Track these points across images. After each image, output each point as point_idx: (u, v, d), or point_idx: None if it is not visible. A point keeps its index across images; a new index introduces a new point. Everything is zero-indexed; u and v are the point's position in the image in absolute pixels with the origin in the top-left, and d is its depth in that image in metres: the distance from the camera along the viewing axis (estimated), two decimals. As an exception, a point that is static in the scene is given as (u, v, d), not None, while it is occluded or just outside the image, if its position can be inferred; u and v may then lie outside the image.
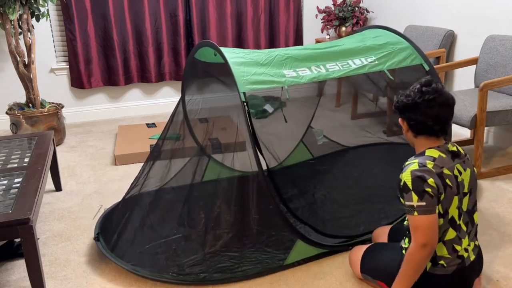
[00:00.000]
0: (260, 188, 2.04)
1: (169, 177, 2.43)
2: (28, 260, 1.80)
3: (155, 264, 2.07)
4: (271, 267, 2.05)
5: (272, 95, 4.71)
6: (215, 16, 4.59)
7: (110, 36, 4.31)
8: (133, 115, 4.64)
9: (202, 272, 2.00)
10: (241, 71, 2.06)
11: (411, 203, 1.61)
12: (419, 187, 1.60)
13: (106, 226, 2.33)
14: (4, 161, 2.36)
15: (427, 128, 1.70)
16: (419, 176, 1.61)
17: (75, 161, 3.47)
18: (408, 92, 1.73)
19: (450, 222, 1.68)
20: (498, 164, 3.16)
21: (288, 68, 2.17)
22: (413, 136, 1.76)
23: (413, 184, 1.61)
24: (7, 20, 3.51)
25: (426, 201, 1.60)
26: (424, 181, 1.60)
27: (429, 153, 1.70)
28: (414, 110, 1.69)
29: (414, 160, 1.69)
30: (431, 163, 1.65)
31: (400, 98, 1.76)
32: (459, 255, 1.71)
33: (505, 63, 3.16)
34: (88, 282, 2.03)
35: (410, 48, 2.35)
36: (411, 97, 1.70)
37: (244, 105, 1.97)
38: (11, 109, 3.71)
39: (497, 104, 2.93)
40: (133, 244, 2.17)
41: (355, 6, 4.69)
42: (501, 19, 3.36)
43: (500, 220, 2.46)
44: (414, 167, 1.64)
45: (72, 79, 4.35)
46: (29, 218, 1.74)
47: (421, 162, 1.65)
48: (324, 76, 2.17)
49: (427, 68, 2.32)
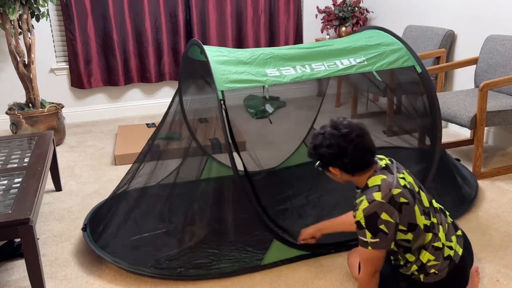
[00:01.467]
0: (237, 189, 2.03)
1: (163, 175, 2.43)
2: (28, 260, 1.80)
3: (134, 257, 2.09)
4: (248, 266, 2.05)
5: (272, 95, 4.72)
6: (215, 16, 4.59)
7: (110, 36, 4.31)
8: (133, 115, 4.64)
9: (178, 267, 2.02)
10: (221, 70, 2.06)
11: (365, 239, 1.61)
12: (373, 225, 1.59)
13: (95, 218, 2.38)
14: (4, 161, 2.35)
15: (363, 164, 1.66)
16: (371, 214, 1.59)
17: (75, 161, 3.47)
18: (327, 142, 1.65)
19: (423, 229, 1.66)
20: (498, 164, 3.16)
21: (271, 67, 2.15)
22: (350, 176, 1.70)
23: (366, 223, 1.60)
24: (7, 20, 3.51)
25: (380, 238, 1.59)
26: (378, 218, 1.58)
27: (372, 183, 1.65)
28: (344, 155, 1.64)
29: (361, 197, 1.64)
30: (378, 194, 1.60)
31: (319, 152, 1.68)
32: (445, 256, 1.69)
33: (505, 63, 3.16)
34: (88, 282, 2.03)
35: (404, 50, 2.30)
36: (334, 145, 1.64)
37: (221, 103, 1.97)
38: (11, 109, 3.71)
39: (497, 104, 2.93)
40: (116, 237, 2.20)
41: (355, 6, 4.69)
42: (501, 19, 3.36)
43: (500, 220, 2.46)
44: (364, 205, 1.60)
45: (72, 79, 4.35)
46: (29, 218, 1.74)
47: (369, 198, 1.60)
48: (308, 76, 2.14)
49: (419, 70, 2.28)
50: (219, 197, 2.16)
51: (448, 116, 2.98)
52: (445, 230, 1.73)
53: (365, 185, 1.68)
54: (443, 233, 1.72)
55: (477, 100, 2.82)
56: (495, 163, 3.19)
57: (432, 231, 1.68)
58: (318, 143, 1.67)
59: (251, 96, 4.53)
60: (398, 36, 2.39)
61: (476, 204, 2.61)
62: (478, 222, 2.44)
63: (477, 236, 2.30)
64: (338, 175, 1.72)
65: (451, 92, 3.31)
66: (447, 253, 1.70)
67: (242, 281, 2.00)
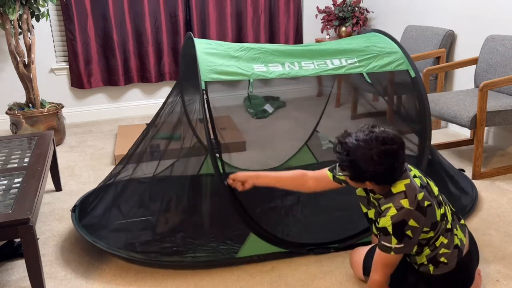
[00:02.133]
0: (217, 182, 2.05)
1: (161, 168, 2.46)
2: (28, 260, 1.80)
3: (113, 239, 2.15)
4: (223, 257, 2.07)
5: (271, 95, 4.72)
6: (215, 16, 4.59)
7: (110, 36, 4.31)
8: (133, 115, 4.64)
9: (153, 252, 2.08)
10: (208, 61, 2.07)
11: (389, 245, 1.60)
12: (400, 232, 1.58)
13: (85, 202, 2.46)
14: (4, 161, 2.36)
15: (392, 177, 1.62)
16: (399, 221, 1.57)
17: (75, 161, 3.47)
18: (377, 160, 1.56)
19: (439, 219, 1.66)
20: (498, 164, 3.16)
21: (259, 62, 2.15)
22: (376, 184, 1.65)
23: (393, 229, 1.58)
24: (7, 20, 3.51)
25: (404, 243, 1.59)
26: (405, 224, 1.57)
27: (396, 190, 1.61)
28: (389, 171, 1.59)
29: (388, 204, 1.61)
30: (405, 201, 1.58)
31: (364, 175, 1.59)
32: (454, 245, 1.69)
33: (505, 63, 3.16)
34: (88, 282, 2.03)
35: (399, 54, 2.27)
36: (384, 164, 1.57)
37: (203, 93, 1.97)
38: (11, 109, 3.71)
39: (497, 104, 2.93)
40: (101, 220, 2.28)
41: (355, 6, 4.69)
42: (501, 19, 3.36)
43: (500, 220, 2.46)
44: (393, 212, 1.58)
45: (72, 79, 4.35)
46: (29, 218, 1.74)
47: (397, 205, 1.58)
48: (295, 73, 2.13)
49: (413, 75, 2.25)
50: (205, 190, 2.19)
51: (448, 116, 2.98)
52: (450, 217, 1.73)
53: (388, 191, 1.64)
54: (450, 221, 1.72)
55: (477, 100, 2.82)
56: (495, 163, 3.19)
57: (445, 219, 1.68)
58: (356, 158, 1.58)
59: (251, 96, 4.53)
60: (396, 40, 2.35)
61: (476, 204, 2.61)
62: (478, 222, 2.44)
63: (477, 236, 2.30)
64: (367, 185, 1.67)
65: (451, 92, 3.31)
66: (456, 242, 1.70)
67: (242, 281, 2.00)
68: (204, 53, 2.11)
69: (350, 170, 1.64)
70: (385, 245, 1.61)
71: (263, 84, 4.72)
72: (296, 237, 2.21)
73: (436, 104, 3.09)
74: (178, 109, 2.50)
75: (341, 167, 1.67)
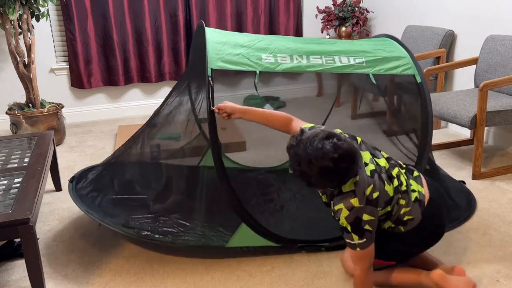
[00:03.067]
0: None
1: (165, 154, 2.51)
2: (28, 260, 1.80)
3: (107, 213, 2.20)
4: (213, 244, 2.10)
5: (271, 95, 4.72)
6: (215, 16, 4.59)
7: (110, 36, 4.31)
8: (133, 115, 4.64)
9: (146, 230, 2.12)
10: (217, 49, 2.09)
11: (353, 242, 1.66)
12: (358, 228, 1.64)
13: (84, 174, 2.52)
14: (4, 161, 2.35)
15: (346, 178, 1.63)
16: (354, 219, 1.63)
17: (75, 161, 3.47)
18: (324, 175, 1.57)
19: (394, 192, 1.70)
20: (498, 164, 3.16)
21: (268, 52, 2.16)
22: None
23: (352, 228, 1.64)
24: (7, 20, 3.51)
25: (366, 237, 1.65)
26: (360, 221, 1.63)
27: (346, 189, 1.64)
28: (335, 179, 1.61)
29: (339, 205, 1.64)
30: (355, 200, 1.62)
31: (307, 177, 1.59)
32: (413, 200, 1.75)
33: (505, 63, 3.16)
34: (88, 282, 2.03)
35: (407, 59, 2.28)
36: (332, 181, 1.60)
37: (209, 80, 1.97)
38: (11, 109, 3.71)
39: (497, 104, 2.93)
40: (98, 195, 2.34)
41: (355, 6, 4.69)
42: (501, 19, 3.36)
43: (500, 220, 2.46)
44: (345, 213, 1.63)
45: (72, 79, 4.35)
46: (29, 218, 1.74)
47: (348, 206, 1.63)
48: (303, 68, 2.13)
49: (419, 80, 2.25)
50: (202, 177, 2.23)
51: (448, 116, 2.98)
52: (404, 177, 1.78)
53: (339, 190, 1.66)
54: (404, 181, 1.76)
55: (477, 100, 2.82)
56: (495, 163, 3.19)
57: (399, 187, 1.73)
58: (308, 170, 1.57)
59: (251, 96, 4.53)
60: (405, 46, 2.35)
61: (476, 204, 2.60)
62: (478, 222, 2.44)
63: (477, 236, 2.30)
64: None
65: (451, 92, 3.31)
66: (414, 196, 1.75)
67: (242, 281, 2.00)
68: (213, 41, 2.12)
69: (301, 180, 1.64)
70: (349, 242, 1.68)
71: (263, 84, 4.73)
72: (288, 233, 2.22)
73: (436, 104, 3.09)
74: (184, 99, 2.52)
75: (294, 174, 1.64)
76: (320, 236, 2.20)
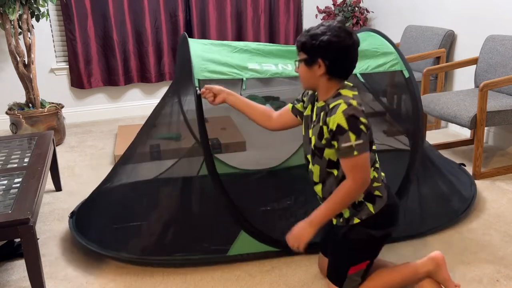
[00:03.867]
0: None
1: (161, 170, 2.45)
2: (28, 260, 1.80)
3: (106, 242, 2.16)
4: (213, 256, 2.10)
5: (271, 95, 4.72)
6: (215, 16, 4.59)
7: (110, 36, 4.31)
8: (133, 115, 4.64)
9: (144, 252, 2.10)
10: (202, 60, 2.10)
11: (349, 143, 1.57)
12: (355, 126, 1.57)
13: (82, 207, 2.47)
14: (4, 161, 2.35)
15: (347, 71, 1.65)
16: (352, 115, 1.57)
17: (75, 161, 3.47)
18: (329, 32, 1.58)
19: (375, 160, 1.74)
20: (498, 164, 3.16)
21: (254, 62, 2.18)
22: (327, 79, 1.65)
23: (348, 124, 1.56)
24: (7, 20, 3.51)
25: (363, 138, 1.57)
26: (357, 119, 1.57)
27: (345, 93, 1.64)
28: (343, 51, 1.60)
29: (337, 101, 1.61)
30: (354, 101, 1.60)
31: (318, 36, 1.59)
32: (382, 178, 1.76)
33: (505, 63, 3.16)
34: (88, 282, 2.03)
35: (394, 55, 2.27)
36: (340, 37, 1.58)
37: (196, 91, 1.98)
38: (11, 109, 3.71)
39: (497, 104, 2.93)
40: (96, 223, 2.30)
41: (355, 6, 4.69)
42: (501, 19, 3.36)
43: (500, 220, 2.46)
44: (343, 107, 1.58)
45: (72, 79, 4.35)
46: (29, 218, 1.74)
47: (347, 102, 1.59)
48: (288, 73, 2.15)
49: (407, 75, 2.24)
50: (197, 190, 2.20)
51: (448, 116, 2.98)
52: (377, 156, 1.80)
53: (337, 93, 1.65)
54: (377, 158, 1.78)
55: (477, 100, 2.82)
56: (495, 163, 3.19)
57: (375, 157, 1.76)
58: (321, 32, 1.59)
59: (251, 96, 4.53)
60: (391, 41, 2.35)
61: (476, 204, 2.61)
62: (478, 222, 2.44)
63: (477, 236, 2.30)
64: (317, 72, 1.64)
65: (451, 92, 3.31)
66: (382, 176, 1.78)
67: (242, 281, 2.00)
68: (198, 52, 2.13)
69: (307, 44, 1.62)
70: (346, 146, 1.58)
71: (263, 84, 4.72)
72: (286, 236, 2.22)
73: (436, 104, 3.09)
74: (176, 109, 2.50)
75: (300, 46, 1.65)
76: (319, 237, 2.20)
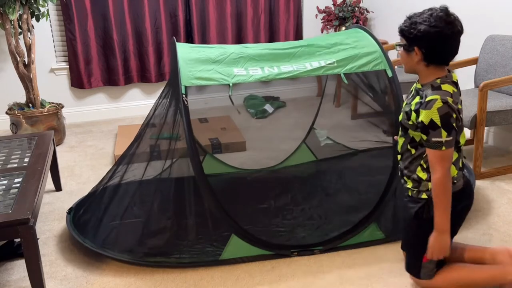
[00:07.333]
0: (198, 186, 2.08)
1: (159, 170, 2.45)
2: (28, 260, 1.80)
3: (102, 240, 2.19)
4: (207, 260, 2.10)
5: (271, 95, 4.72)
6: (215, 16, 4.59)
7: (110, 36, 4.31)
8: (133, 115, 4.64)
9: (140, 252, 2.11)
10: (189, 66, 2.12)
11: (440, 139, 1.67)
12: (448, 124, 1.66)
13: (80, 205, 2.48)
14: (4, 161, 2.36)
15: (446, 58, 1.72)
16: (446, 113, 1.66)
17: (75, 161, 3.47)
18: (429, 21, 1.68)
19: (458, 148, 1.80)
20: (498, 164, 3.16)
21: (239, 66, 2.19)
22: (425, 65, 1.74)
23: (442, 121, 1.66)
24: (7, 20, 3.51)
25: (452, 136, 1.68)
26: (451, 116, 1.66)
27: (445, 88, 1.71)
28: (440, 41, 1.68)
29: (435, 96, 1.68)
30: (451, 99, 1.68)
31: (417, 24, 1.69)
32: (460, 166, 1.82)
33: (505, 63, 3.16)
34: (88, 282, 2.03)
35: (377, 53, 2.28)
36: (438, 28, 1.67)
37: (183, 98, 2.01)
38: (11, 109, 3.71)
39: (497, 104, 2.93)
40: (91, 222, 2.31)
41: (355, 6, 4.69)
42: (501, 19, 3.36)
43: (500, 220, 2.46)
44: (439, 104, 1.66)
45: (72, 79, 4.35)
46: (29, 218, 1.74)
47: (443, 99, 1.67)
48: (274, 76, 2.18)
49: (390, 74, 2.26)
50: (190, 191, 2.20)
51: (448, 116, 2.98)
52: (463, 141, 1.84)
53: (438, 86, 1.72)
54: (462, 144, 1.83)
55: (477, 100, 2.82)
56: (495, 163, 3.19)
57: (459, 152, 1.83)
58: (421, 20, 1.69)
59: (251, 96, 4.53)
60: (376, 38, 2.36)
61: (476, 204, 2.60)
62: (478, 222, 2.44)
63: (477, 236, 2.30)
64: (414, 59, 1.74)
65: (451, 92, 3.30)
66: (461, 164, 1.83)
67: (242, 281, 2.00)
68: (185, 58, 2.16)
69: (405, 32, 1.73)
70: (436, 140, 1.68)
71: (263, 84, 4.72)
72: (281, 239, 2.23)
73: (436, 104, 3.08)
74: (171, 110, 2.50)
75: (400, 32, 1.76)
76: (313, 240, 2.21)
